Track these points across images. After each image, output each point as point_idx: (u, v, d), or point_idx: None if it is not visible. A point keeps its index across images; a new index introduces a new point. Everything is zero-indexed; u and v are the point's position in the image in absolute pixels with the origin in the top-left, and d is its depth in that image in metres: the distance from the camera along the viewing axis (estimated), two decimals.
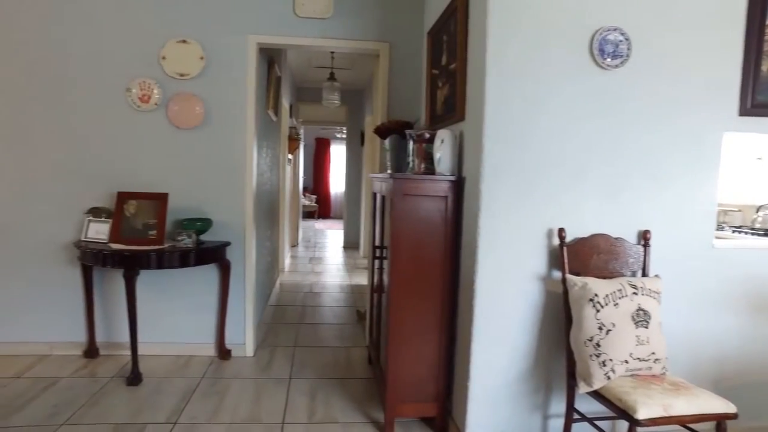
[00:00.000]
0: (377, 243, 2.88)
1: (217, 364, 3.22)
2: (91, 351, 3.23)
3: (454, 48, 2.44)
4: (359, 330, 4.02)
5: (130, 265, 2.80)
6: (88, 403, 2.64)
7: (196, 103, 3.16)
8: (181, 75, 3.15)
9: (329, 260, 7.29)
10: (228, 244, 3.20)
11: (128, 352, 3.20)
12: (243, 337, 3.36)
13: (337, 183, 13.81)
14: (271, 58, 4.19)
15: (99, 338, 3.28)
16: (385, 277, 2.56)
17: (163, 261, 2.86)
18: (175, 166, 3.20)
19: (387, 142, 2.96)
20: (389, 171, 2.93)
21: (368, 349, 3.36)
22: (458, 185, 2.31)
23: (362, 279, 5.96)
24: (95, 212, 3.10)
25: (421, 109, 3.26)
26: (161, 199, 3.03)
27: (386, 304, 2.45)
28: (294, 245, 8.28)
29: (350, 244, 8.33)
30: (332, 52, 5.42)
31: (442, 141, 2.31)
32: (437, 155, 2.34)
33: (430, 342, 2.37)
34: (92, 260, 2.91)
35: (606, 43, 2.06)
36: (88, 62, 3.12)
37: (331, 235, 10.18)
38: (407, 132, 2.67)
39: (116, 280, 3.22)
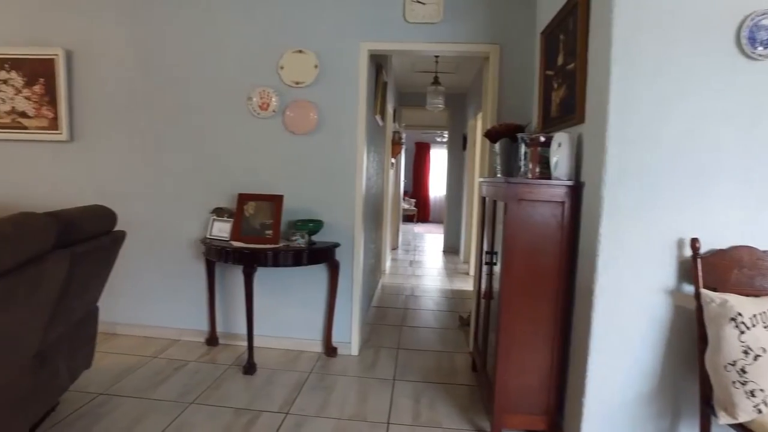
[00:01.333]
0: (486, 248, 2.83)
1: (324, 361, 3.34)
2: (212, 340, 3.51)
3: (572, 47, 2.33)
4: (461, 335, 3.97)
5: (249, 262, 3.00)
6: (212, 386, 2.87)
7: (310, 109, 3.32)
8: (297, 83, 3.32)
9: (429, 264, 7.29)
10: (338, 245, 3.31)
11: (244, 343, 3.46)
12: (349, 336, 3.46)
13: (436, 187, 13.80)
14: (379, 64, 4.28)
15: (219, 328, 3.56)
16: (496, 283, 2.50)
17: (278, 259, 3.03)
18: (289, 169, 3.38)
19: (497, 145, 2.90)
20: (499, 175, 2.87)
21: (472, 355, 3.31)
22: (576, 190, 2.19)
23: (463, 284, 5.89)
24: (218, 212, 3.37)
25: (533, 112, 3.15)
26: (277, 200, 3.22)
27: (496, 311, 2.39)
28: (394, 248, 8.40)
29: (450, 249, 8.27)
30: (437, 56, 5.42)
31: (560, 144, 2.21)
32: (554, 159, 2.24)
33: (542, 352, 2.27)
34: (216, 256, 3.16)
35: (759, 29, 1.84)
36: (216, 74, 3.41)
37: (430, 239, 10.19)
38: (519, 135, 2.59)
39: (235, 276, 3.48)
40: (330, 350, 3.41)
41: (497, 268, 2.54)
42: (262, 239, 3.14)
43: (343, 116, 3.34)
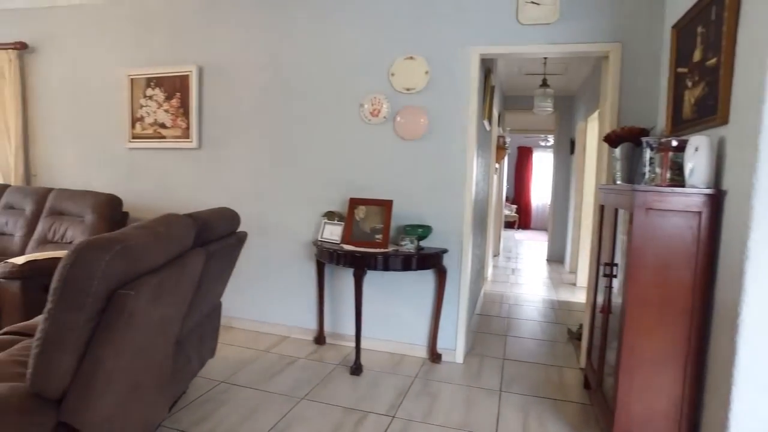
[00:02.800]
0: (605, 259, 2.66)
1: (428, 366, 3.34)
2: (320, 338, 3.65)
3: (715, 40, 2.12)
4: (570, 350, 3.77)
5: (360, 265, 3.08)
6: (320, 384, 2.98)
7: (420, 115, 3.34)
8: (408, 89, 3.37)
9: (532, 273, 7.03)
10: (445, 251, 3.30)
11: (350, 344, 3.56)
12: (454, 343, 3.43)
13: (538, 193, 13.29)
14: (487, 67, 4.21)
15: (326, 328, 3.69)
16: (617, 298, 2.34)
17: (388, 263, 3.08)
18: (399, 174, 3.43)
19: (617, 150, 2.72)
20: (619, 182, 2.69)
21: (585, 372, 3.12)
22: (716, 199, 1.99)
23: (570, 295, 5.60)
24: (329, 215, 3.50)
25: (658, 114, 2.92)
26: (386, 205, 3.28)
27: (617, 327, 2.24)
28: (495, 255, 8.20)
29: (555, 258, 7.91)
30: (545, 58, 5.22)
31: (697, 149, 2.02)
32: (689, 165, 2.05)
33: (672, 375, 2.08)
34: (327, 258, 3.28)
35: None
36: (330, 83, 3.56)
37: (532, 247, 9.82)
38: (644, 140, 2.40)
39: (344, 278, 3.59)
40: (434, 356, 3.40)
41: (617, 281, 2.37)
42: (372, 243, 3.21)
43: (453, 122, 3.32)
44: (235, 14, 3.78)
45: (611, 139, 2.77)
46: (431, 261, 3.21)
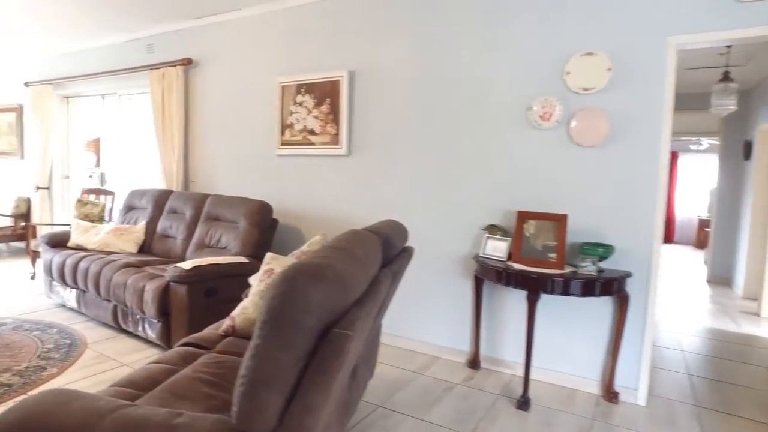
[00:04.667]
0: None
1: (604, 406, 2.89)
2: (474, 362, 3.35)
3: None
4: None
5: (534, 288, 2.73)
6: (486, 418, 2.68)
7: (600, 118, 2.91)
8: (585, 89, 2.96)
9: (692, 296, 6.13)
10: (629, 274, 2.83)
11: (509, 371, 3.23)
12: (635, 382, 2.94)
13: (684, 202, 11.86)
14: None
15: (482, 351, 3.38)
16: None
17: (568, 287, 2.69)
18: (572, 185, 3.03)
19: None
20: None
21: None
22: None
23: (755, 328, 4.74)
24: (491, 229, 3.19)
25: None
26: (561, 220, 2.89)
27: None
28: None
29: (719, 279, 6.87)
30: (728, 46, 4.47)
31: None
32: None
33: None
34: (492, 277, 2.97)
35: None
36: (492, 85, 3.26)
37: (681, 265, 8.69)
38: None
39: (507, 298, 3.26)
40: (610, 395, 2.94)
41: None
42: (545, 263, 2.85)
43: (640, 126, 2.85)
44: (388, 16, 3.63)
45: None
46: (614, 286, 2.76)
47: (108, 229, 4.44)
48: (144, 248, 4.43)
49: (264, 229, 3.83)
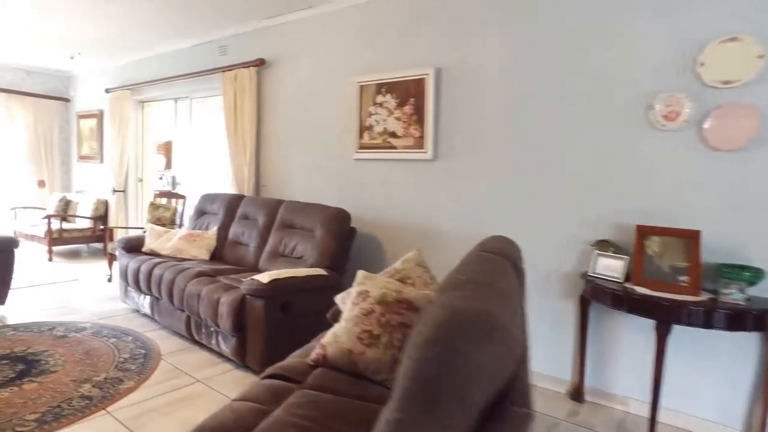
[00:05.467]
0: None
1: None
2: (577, 394, 2.95)
3: None
4: None
5: (665, 318, 2.32)
6: None
7: (746, 116, 2.45)
8: (726, 83, 2.50)
9: None
10: None
11: (620, 407, 2.85)
12: None
13: None
14: None
15: (586, 382, 2.98)
16: None
17: (710, 319, 2.24)
18: (704, 196, 2.58)
19: None
20: None
21: None
22: None
23: None
24: (602, 245, 2.80)
25: None
26: (692, 237, 2.46)
27: None
28: None
29: None
30: None
31: None
32: None
33: None
34: (609, 301, 2.57)
35: None
36: (602, 83, 2.85)
37: None
38: None
39: (620, 324, 2.85)
40: None
41: None
42: (675, 287, 2.42)
43: None
44: (479, 5, 3.30)
45: None
46: (765, 319, 2.30)
47: (180, 234, 4.36)
48: (215, 255, 4.32)
49: (342, 238, 3.59)
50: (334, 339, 2.01)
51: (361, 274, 2.22)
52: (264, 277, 3.03)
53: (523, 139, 3.15)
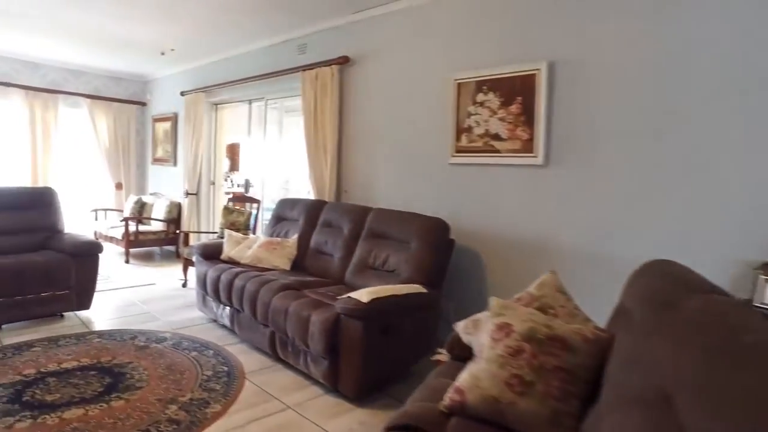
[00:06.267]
0: None
1: None
2: None
3: None
4: None
5: None
6: None
7: None
8: None
9: None
10: None
11: None
12: None
13: None
14: None
15: None
16: None
17: None
18: None
19: None
20: None
21: None
22: None
23: None
24: (767, 268, 2.31)
25: None
26: None
27: None
28: None
29: None
30: None
31: None
32: None
33: None
34: None
35: None
36: (757, 70, 2.37)
37: None
38: None
39: None
40: None
41: None
42: None
43: None
44: None
45: None
46: None
47: (260, 242, 4.16)
48: (297, 264, 4.08)
49: (440, 251, 3.25)
50: (475, 383, 1.66)
51: (496, 302, 1.86)
52: (362, 296, 2.73)
53: (656, 143, 2.68)
